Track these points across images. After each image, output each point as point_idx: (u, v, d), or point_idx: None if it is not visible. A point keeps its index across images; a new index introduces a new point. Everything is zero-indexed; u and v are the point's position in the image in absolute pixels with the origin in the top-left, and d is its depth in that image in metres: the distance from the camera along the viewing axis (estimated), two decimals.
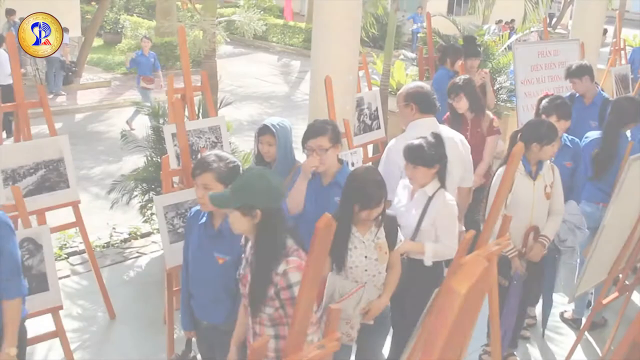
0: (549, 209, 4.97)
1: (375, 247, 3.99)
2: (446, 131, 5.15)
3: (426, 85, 5.21)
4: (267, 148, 4.73)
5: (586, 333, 5.51)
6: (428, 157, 4.30)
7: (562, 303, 6.23)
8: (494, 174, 5.05)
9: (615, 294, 5.13)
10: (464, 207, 5.42)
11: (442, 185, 4.43)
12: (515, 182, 4.77)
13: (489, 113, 6.44)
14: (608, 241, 4.60)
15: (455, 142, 5.12)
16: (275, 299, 3.22)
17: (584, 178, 5.71)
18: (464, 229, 5.43)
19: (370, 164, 6.51)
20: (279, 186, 3.27)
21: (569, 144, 5.60)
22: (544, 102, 5.67)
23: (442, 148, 4.39)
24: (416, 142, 4.37)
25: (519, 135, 4.91)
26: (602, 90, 7.32)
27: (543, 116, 5.51)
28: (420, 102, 5.01)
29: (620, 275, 5.19)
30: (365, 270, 3.98)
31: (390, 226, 4.10)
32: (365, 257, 3.97)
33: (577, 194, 5.60)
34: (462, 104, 6.16)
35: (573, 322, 6.10)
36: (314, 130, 4.39)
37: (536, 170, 4.88)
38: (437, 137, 4.42)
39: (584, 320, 5.62)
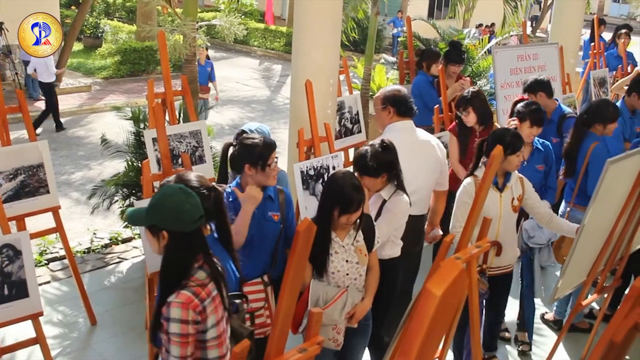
0: (539, 216, 5.03)
1: (355, 251, 4.01)
2: (422, 134, 5.16)
3: (403, 89, 5.22)
4: None
5: (568, 334, 5.55)
6: (370, 168, 4.32)
7: (542, 304, 6.29)
8: (461, 184, 4.98)
9: (595, 296, 5.17)
10: (441, 211, 5.45)
11: (400, 188, 4.44)
12: None
13: (497, 125, 6.35)
14: (587, 243, 4.63)
15: (432, 145, 5.13)
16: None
17: (556, 180, 5.80)
18: (441, 232, 5.47)
19: (351, 168, 6.51)
20: (192, 210, 2.98)
21: (540, 147, 5.64)
22: (518, 106, 5.65)
23: (390, 155, 4.39)
24: (362, 150, 4.41)
25: (484, 145, 4.90)
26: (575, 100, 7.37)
27: (516, 120, 5.52)
28: (397, 105, 5.02)
29: (599, 277, 5.23)
30: (347, 274, 4.00)
31: (367, 227, 4.12)
32: (347, 261, 3.98)
33: (551, 195, 5.64)
34: (470, 118, 6.06)
35: (554, 324, 6.15)
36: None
37: (503, 182, 4.84)
38: (386, 145, 4.42)
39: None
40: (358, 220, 4.01)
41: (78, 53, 21.29)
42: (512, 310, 5.79)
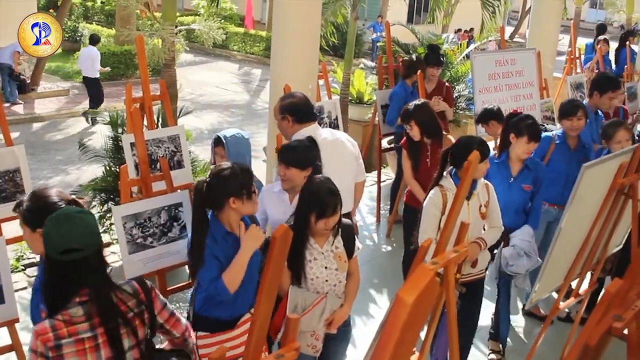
0: (487, 226, 4.91)
1: (335, 257, 4.00)
2: (330, 134, 5.13)
3: (299, 94, 5.10)
4: (219, 159, 4.70)
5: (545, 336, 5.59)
6: (302, 159, 4.33)
7: (517, 307, 6.33)
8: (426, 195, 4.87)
9: (572, 299, 5.21)
10: (358, 200, 5.45)
11: None
12: (449, 202, 4.63)
13: (450, 137, 6.09)
14: (564, 247, 4.66)
15: (343, 141, 5.11)
16: None
17: (541, 204, 5.60)
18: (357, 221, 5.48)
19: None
20: (57, 239, 2.70)
21: (530, 166, 5.40)
22: (513, 120, 5.41)
23: (316, 152, 4.42)
24: (292, 143, 4.46)
25: (449, 154, 4.79)
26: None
27: (512, 135, 5.31)
28: (295, 113, 4.92)
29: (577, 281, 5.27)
30: (326, 280, 3.99)
31: (347, 234, 4.11)
32: (325, 267, 3.98)
33: (534, 219, 5.44)
34: (414, 132, 5.94)
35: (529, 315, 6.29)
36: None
37: (470, 190, 4.71)
38: (312, 141, 4.46)
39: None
40: (338, 227, 4.01)
41: (56, 57, 21.08)
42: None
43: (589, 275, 5.44)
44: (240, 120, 16.39)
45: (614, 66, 13.32)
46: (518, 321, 6.24)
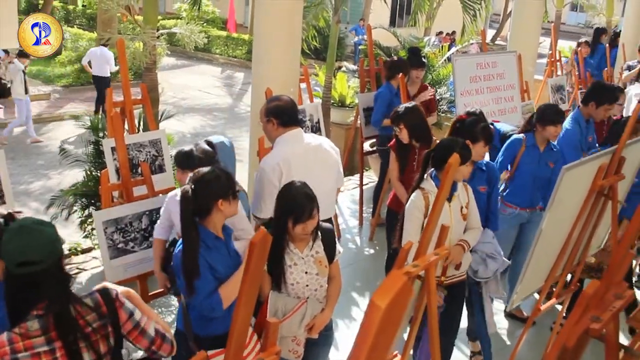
0: (465, 228, 4.88)
1: (315, 262, 3.98)
2: (313, 140, 5.09)
3: (285, 98, 5.05)
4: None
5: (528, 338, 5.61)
6: (203, 164, 4.17)
7: (500, 309, 6.35)
8: (408, 199, 4.83)
9: (553, 300, 5.24)
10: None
11: None
12: (430, 204, 4.59)
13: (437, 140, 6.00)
14: (545, 249, 4.68)
15: (326, 148, 5.06)
16: None
17: (498, 205, 5.57)
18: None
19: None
20: (13, 252, 2.68)
21: (483, 167, 5.40)
22: (468, 125, 5.33)
23: (213, 155, 4.40)
24: (188, 149, 4.39)
25: (431, 156, 4.76)
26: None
27: (467, 141, 5.07)
28: (280, 116, 4.86)
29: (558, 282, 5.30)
30: (307, 285, 3.97)
31: (328, 238, 4.10)
32: (306, 272, 3.96)
33: (493, 221, 5.38)
34: (403, 134, 5.95)
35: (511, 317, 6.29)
36: None
37: (451, 192, 4.72)
38: (210, 144, 4.48)
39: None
40: (318, 232, 4.00)
41: (37, 60, 20.92)
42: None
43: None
44: (222, 124, 16.37)
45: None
46: (500, 323, 6.25)
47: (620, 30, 15.42)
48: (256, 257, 2.15)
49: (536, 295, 5.23)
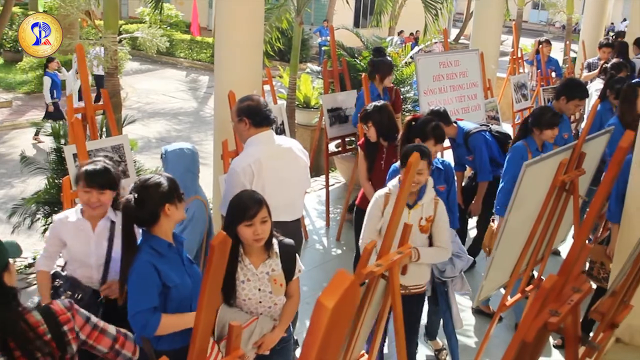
0: (431, 243, 4.75)
1: (270, 280, 3.82)
2: (284, 142, 5.10)
3: (257, 97, 5.02)
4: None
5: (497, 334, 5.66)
6: (115, 179, 4.15)
7: (467, 306, 6.40)
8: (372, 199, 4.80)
9: (518, 295, 5.29)
10: None
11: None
12: (388, 208, 4.57)
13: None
14: (509, 244, 4.73)
15: (294, 151, 5.06)
16: None
17: (457, 204, 5.55)
18: None
19: None
20: None
21: (440, 166, 5.38)
22: (418, 125, 5.37)
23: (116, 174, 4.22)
24: (97, 166, 4.12)
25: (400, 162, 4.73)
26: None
27: (418, 140, 5.20)
28: (252, 116, 4.84)
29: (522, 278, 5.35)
30: (260, 302, 3.82)
31: (288, 255, 3.93)
32: (259, 289, 3.80)
33: (452, 220, 5.25)
34: (371, 133, 5.99)
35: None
36: None
37: (415, 200, 4.62)
38: (110, 158, 4.44)
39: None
40: (276, 250, 3.86)
41: None
42: None
43: None
44: (188, 128, 16.29)
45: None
46: (468, 319, 6.30)
47: (574, 29, 15.64)
48: (216, 260, 2.13)
49: (502, 291, 5.28)
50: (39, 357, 2.70)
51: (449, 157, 7.14)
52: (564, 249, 6.80)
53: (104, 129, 7.01)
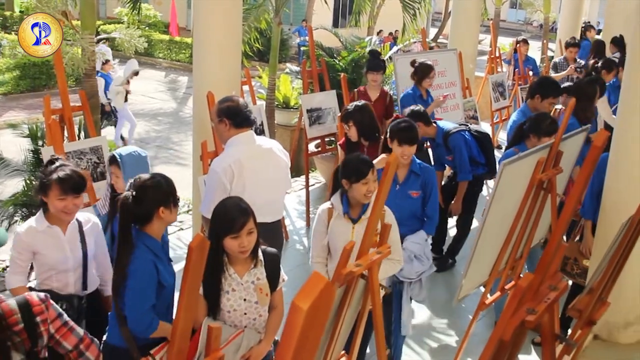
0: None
1: (255, 289, 3.73)
2: (264, 142, 5.09)
3: (237, 98, 5.01)
4: (115, 179, 4.51)
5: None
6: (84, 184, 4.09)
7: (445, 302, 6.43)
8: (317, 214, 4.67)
9: (498, 293, 5.31)
10: None
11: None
12: (332, 223, 4.46)
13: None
14: (488, 243, 4.75)
15: (274, 151, 5.05)
16: None
17: (437, 208, 5.36)
18: None
19: None
20: None
21: (417, 171, 5.20)
22: (389, 126, 5.27)
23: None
24: (70, 173, 4.01)
25: (339, 173, 4.51)
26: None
27: (389, 140, 5.13)
28: (232, 117, 4.82)
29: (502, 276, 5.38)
30: (245, 313, 3.72)
31: (272, 264, 3.85)
32: (245, 300, 3.70)
33: (429, 225, 5.24)
34: (352, 132, 6.01)
35: None
36: None
37: (359, 213, 4.44)
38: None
39: None
40: (261, 258, 3.79)
41: None
42: None
43: None
44: (167, 129, 16.22)
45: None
46: (449, 318, 6.33)
47: (552, 27, 15.81)
48: (194, 262, 2.13)
49: (482, 289, 5.30)
50: (9, 346, 2.75)
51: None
52: None
53: (82, 131, 6.97)
